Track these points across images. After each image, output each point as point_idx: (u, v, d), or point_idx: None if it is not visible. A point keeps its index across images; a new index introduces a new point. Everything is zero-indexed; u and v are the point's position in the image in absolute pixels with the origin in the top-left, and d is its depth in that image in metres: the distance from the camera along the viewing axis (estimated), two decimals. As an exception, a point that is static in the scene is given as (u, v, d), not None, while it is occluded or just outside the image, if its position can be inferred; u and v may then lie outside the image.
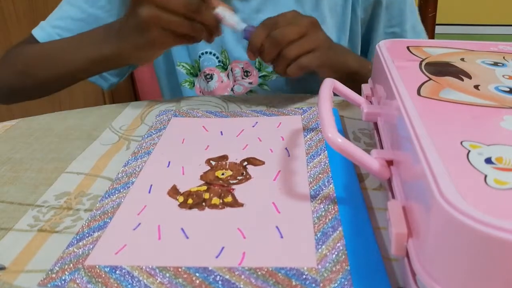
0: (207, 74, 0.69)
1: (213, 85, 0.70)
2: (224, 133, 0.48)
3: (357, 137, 0.46)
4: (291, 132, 0.47)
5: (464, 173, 0.22)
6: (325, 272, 0.27)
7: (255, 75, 0.69)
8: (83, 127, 0.52)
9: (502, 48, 0.43)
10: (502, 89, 0.33)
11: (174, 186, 0.38)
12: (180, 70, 0.71)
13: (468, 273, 0.20)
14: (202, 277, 0.28)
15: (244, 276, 0.28)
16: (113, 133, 0.50)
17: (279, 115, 0.51)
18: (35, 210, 0.36)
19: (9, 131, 0.52)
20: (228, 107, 0.56)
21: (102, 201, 0.36)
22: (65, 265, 0.29)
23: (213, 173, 0.40)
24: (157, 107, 0.56)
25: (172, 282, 0.28)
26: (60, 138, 0.50)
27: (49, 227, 0.34)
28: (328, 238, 0.31)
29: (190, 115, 0.53)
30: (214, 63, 0.69)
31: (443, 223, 0.20)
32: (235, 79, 0.69)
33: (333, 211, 0.33)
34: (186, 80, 0.72)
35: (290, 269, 0.28)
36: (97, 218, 0.34)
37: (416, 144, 0.25)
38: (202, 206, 0.35)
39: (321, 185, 0.37)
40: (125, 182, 0.39)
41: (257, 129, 0.48)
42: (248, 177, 0.39)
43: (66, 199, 0.38)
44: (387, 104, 0.36)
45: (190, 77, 0.72)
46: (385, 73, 0.37)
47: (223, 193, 0.36)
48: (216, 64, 0.69)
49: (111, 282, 0.28)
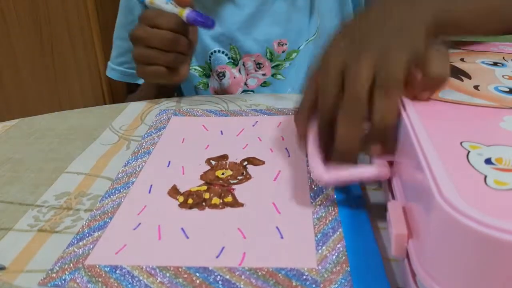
0: (219, 72, 0.70)
1: (226, 83, 0.70)
2: (224, 133, 0.48)
3: (357, 137, 0.46)
4: (292, 132, 0.47)
5: (464, 173, 0.22)
6: (325, 273, 0.28)
7: (268, 66, 0.69)
8: (83, 127, 0.52)
9: (502, 48, 0.43)
10: (502, 89, 0.33)
11: (174, 186, 0.38)
12: (194, 73, 0.72)
13: (468, 273, 0.20)
14: (202, 277, 0.28)
15: (245, 276, 0.28)
16: (113, 133, 0.50)
17: (280, 114, 0.51)
18: (35, 210, 0.36)
19: (9, 131, 0.52)
20: (228, 107, 0.56)
21: (102, 201, 0.36)
22: (65, 265, 0.29)
23: (213, 173, 0.40)
24: (157, 107, 0.56)
25: (172, 282, 0.28)
26: (60, 138, 0.50)
27: (49, 227, 0.34)
28: (328, 239, 0.31)
29: (190, 114, 0.53)
30: (224, 60, 0.69)
31: (443, 223, 0.20)
32: (247, 73, 0.69)
33: (333, 212, 0.33)
34: (200, 82, 0.72)
35: (290, 269, 0.28)
36: (97, 218, 0.34)
37: (416, 145, 0.25)
38: (202, 206, 0.35)
39: (321, 186, 0.37)
40: (125, 182, 0.39)
41: (257, 128, 0.48)
42: (248, 177, 0.39)
43: (66, 199, 0.38)
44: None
45: (203, 79, 0.72)
46: None
47: (223, 193, 0.36)
48: (227, 61, 0.70)
49: (111, 281, 0.28)
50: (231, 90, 0.70)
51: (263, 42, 0.68)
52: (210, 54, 0.69)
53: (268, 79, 0.70)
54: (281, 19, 0.67)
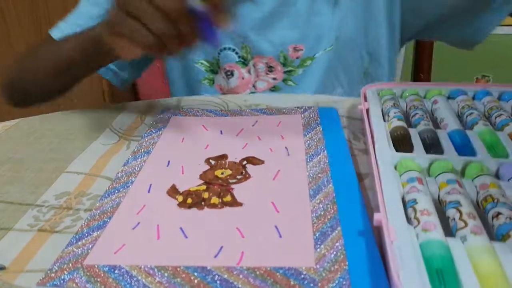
0: (227, 70, 0.66)
1: (234, 82, 0.67)
2: (223, 132, 0.48)
3: (357, 137, 0.46)
4: (291, 131, 0.47)
5: None
6: (323, 272, 0.28)
7: (280, 70, 0.66)
8: (83, 127, 0.52)
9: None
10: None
11: (173, 185, 0.38)
12: (199, 67, 0.67)
13: None
14: (201, 276, 0.28)
15: (243, 275, 0.28)
16: (113, 133, 0.50)
17: (279, 114, 0.51)
18: (35, 210, 0.37)
19: (9, 131, 0.52)
20: (228, 107, 0.56)
21: (101, 201, 0.37)
22: (64, 265, 0.30)
23: (212, 173, 0.40)
24: (157, 107, 0.57)
25: (170, 282, 0.28)
26: (60, 138, 0.50)
27: (49, 227, 0.34)
28: (327, 237, 0.31)
29: (190, 114, 0.53)
30: (233, 59, 0.65)
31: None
32: (257, 75, 0.66)
33: (332, 210, 0.33)
34: (206, 77, 0.68)
35: (288, 268, 0.28)
36: (96, 218, 0.34)
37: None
38: (201, 206, 0.35)
39: (320, 185, 0.37)
40: (125, 181, 0.39)
41: (256, 128, 0.48)
42: (247, 177, 0.39)
43: (66, 199, 0.38)
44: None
45: (209, 74, 0.68)
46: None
47: (222, 193, 0.37)
48: (236, 60, 0.66)
49: (110, 281, 0.28)
50: (238, 90, 0.67)
51: (278, 45, 0.64)
52: (220, 50, 0.65)
53: (279, 84, 0.66)
54: (300, 23, 0.63)
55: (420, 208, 0.29)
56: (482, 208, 0.30)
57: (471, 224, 0.27)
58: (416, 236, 0.27)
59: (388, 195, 0.31)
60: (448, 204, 0.30)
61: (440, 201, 0.32)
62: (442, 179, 0.33)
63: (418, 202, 0.30)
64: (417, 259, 0.25)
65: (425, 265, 0.25)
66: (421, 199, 0.30)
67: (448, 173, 0.33)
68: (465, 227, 0.27)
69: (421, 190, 0.31)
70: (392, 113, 0.43)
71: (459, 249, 0.26)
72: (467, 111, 0.43)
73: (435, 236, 0.27)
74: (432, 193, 0.32)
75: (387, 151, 0.37)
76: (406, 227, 0.28)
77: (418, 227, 0.28)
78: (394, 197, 0.31)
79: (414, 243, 0.27)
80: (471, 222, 0.28)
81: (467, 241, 0.27)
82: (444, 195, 0.31)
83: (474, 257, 0.25)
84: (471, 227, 0.27)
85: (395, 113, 0.43)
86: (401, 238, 0.27)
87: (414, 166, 0.34)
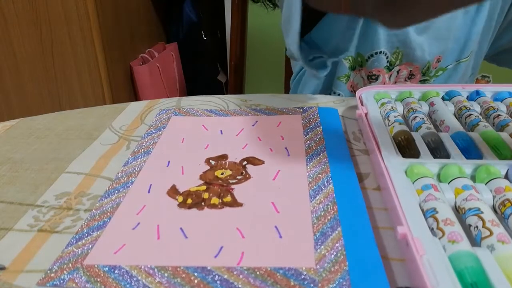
0: (373, 74, 0.64)
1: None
2: (223, 132, 0.48)
3: (357, 137, 0.46)
4: (291, 132, 0.47)
5: None
6: (323, 272, 0.28)
7: (418, 79, 0.64)
8: (83, 127, 0.52)
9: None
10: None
11: (173, 186, 0.38)
12: (345, 63, 0.65)
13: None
14: (201, 276, 0.28)
15: (243, 276, 0.28)
16: (113, 133, 0.50)
17: (279, 114, 0.51)
18: (35, 210, 0.36)
19: (9, 131, 0.52)
20: (228, 107, 0.56)
21: (101, 201, 0.37)
22: (64, 265, 0.30)
23: (212, 173, 0.40)
24: (157, 107, 0.57)
25: (170, 282, 0.28)
26: (60, 138, 0.50)
27: (49, 227, 0.34)
28: (327, 238, 0.31)
29: (190, 114, 0.53)
30: (383, 63, 0.63)
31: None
32: (396, 81, 0.64)
33: (332, 211, 0.33)
34: (346, 74, 0.66)
35: (288, 269, 0.28)
36: (96, 218, 0.34)
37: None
38: (201, 206, 0.35)
39: (321, 185, 0.37)
40: (125, 181, 0.39)
41: (257, 128, 0.48)
42: (247, 177, 0.39)
43: (66, 199, 0.38)
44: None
45: (349, 71, 0.65)
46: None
47: (222, 193, 0.37)
48: (385, 65, 0.63)
49: (110, 281, 0.28)
50: None
51: (428, 54, 0.62)
52: (374, 53, 0.62)
53: None
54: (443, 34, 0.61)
55: (441, 217, 0.28)
56: (500, 213, 0.29)
57: (496, 232, 0.26)
58: (443, 248, 0.26)
59: (406, 205, 0.29)
60: (468, 211, 0.29)
61: (458, 208, 0.30)
62: (457, 185, 0.32)
63: (438, 211, 0.29)
64: (450, 273, 0.24)
65: (458, 279, 0.24)
66: (441, 207, 0.29)
67: (462, 178, 0.32)
68: (491, 236, 0.26)
69: (439, 198, 0.30)
70: (392, 117, 0.43)
71: (489, 260, 0.25)
72: (465, 112, 0.43)
73: (463, 248, 0.25)
74: (448, 200, 0.31)
75: (394, 157, 0.36)
76: (432, 239, 0.27)
77: (444, 238, 0.27)
78: (413, 207, 0.29)
79: (442, 256, 0.25)
80: (496, 230, 0.26)
81: (495, 250, 0.25)
82: (461, 202, 0.30)
83: (505, 267, 0.24)
84: (497, 235, 0.26)
85: (395, 116, 0.43)
86: (430, 252, 0.25)
87: (426, 172, 0.33)
